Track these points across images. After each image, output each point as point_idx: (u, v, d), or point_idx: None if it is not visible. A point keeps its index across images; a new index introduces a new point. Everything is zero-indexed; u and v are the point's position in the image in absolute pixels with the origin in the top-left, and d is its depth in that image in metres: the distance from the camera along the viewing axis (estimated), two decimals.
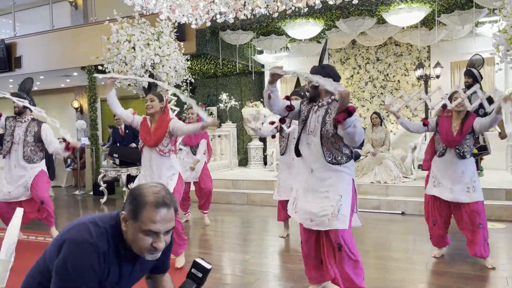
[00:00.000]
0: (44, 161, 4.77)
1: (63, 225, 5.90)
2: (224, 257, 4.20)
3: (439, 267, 3.72)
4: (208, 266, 1.67)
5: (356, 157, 7.11)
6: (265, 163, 9.97)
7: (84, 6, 11.52)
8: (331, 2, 5.65)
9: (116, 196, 8.37)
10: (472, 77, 5.07)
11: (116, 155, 7.98)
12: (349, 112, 2.38)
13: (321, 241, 2.84)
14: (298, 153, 2.86)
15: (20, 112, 4.59)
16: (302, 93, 4.32)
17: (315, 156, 2.74)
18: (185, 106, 10.00)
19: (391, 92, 9.36)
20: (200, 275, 1.66)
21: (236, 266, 3.89)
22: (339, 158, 2.71)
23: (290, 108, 2.85)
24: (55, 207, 7.73)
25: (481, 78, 5.26)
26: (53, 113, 13.81)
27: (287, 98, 2.94)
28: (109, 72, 6.27)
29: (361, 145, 3.84)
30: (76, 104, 13.11)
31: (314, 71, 2.71)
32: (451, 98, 4.63)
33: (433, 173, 3.85)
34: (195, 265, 1.68)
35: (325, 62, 9.93)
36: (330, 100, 2.76)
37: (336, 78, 2.68)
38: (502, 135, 5.32)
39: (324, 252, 2.81)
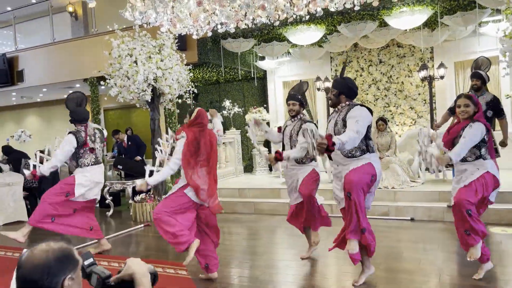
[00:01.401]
0: (78, 169, 4.88)
1: (69, 238, 5.88)
2: (232, 274, 4.16)
3: (452, 279, 3.66)
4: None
5: None
6: (271, 169, 9.92)
7: (84, 16, 11.52)
8: (332, 9, 5.60)
9: (122, 208, 8.35)
10: (481, 79, 5.00)
11: (120, 167, 7.98)
12: (330, 150, 3.03)
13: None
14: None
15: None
16: (299, 96, 4.25)
17: (335, 152, 3.30)
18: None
19: (395, 94, 9.29)
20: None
21: (245, 284, 3.84)
22: (353, 151, 3.43)
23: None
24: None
25: (488, 79, 5.20)
26: (57, 125, 13.84)
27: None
28: (111, 87, 6.25)
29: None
30: None
31: (337, 82, 3.59)
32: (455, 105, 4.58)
33: None
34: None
35: (328, 66, 9.88)
36: (344, 105, 3.54)
37: (355, 88, 3.57)
38: (503, 142, 5.23)
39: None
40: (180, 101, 7.52)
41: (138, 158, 8.51)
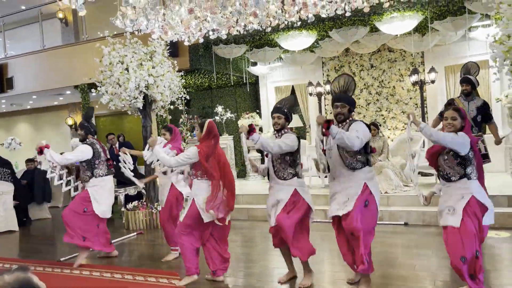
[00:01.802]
0: (93, 179, 5.00)
1: (62, 250, 5.80)
2: (226, 282, 4.11)
3: (447, 285, 3.66)
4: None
5: None
6: (264, 175, 9.89)
7: (74, 23, 11.45)
8: (324, 16, 5.62)
9: (115, 216, 8.25)
10: (471, 84, 5.04)
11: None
12: (328, 122, 3.27)
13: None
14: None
15: (83, 139, 5.12)
16: (285, 110, 3.82)
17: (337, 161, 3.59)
18: (181, 120, 9.95)
19: (387, 98, 9.34)
20: None
21: None
22: (354, 163, 3.53)
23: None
24: (52, 230, 7.68)
25: (478, 84, 5.25)
26: (47, 132, 13.71)
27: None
28: (102, 94, 6.21)
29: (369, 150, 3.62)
30: (70, 121, 12.99)
31: (346, 98, 3.64)
32: (447, 107, 4.59)
33: None
34: None
35: (319, 71, 9.91)
36: (346, 122, 3.62)
37: (354, 103, 3.71)
38: (496, 141, 5.30)
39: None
40: (172, 107, 7.48)
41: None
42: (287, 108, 3.86)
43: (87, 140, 5.10)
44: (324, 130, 3.30)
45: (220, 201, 3.89)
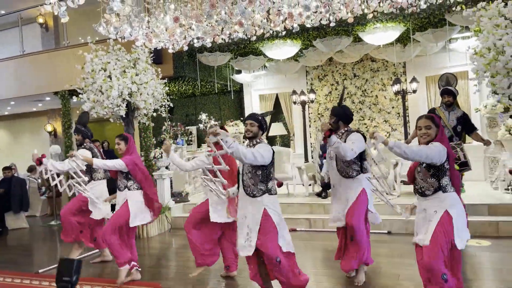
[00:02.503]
0: (92, 183, 5.22)
1: (40, 261, 5.64)
2: None
3: None
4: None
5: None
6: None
7: (55, 28, 11.26)
8: (308, 26, 5.66)
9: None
10: (453, 95, 5.16)
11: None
12: (330, 131, 3.56)
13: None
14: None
15: (80, 143, 5.25)
16: (259, 117, 3.55)
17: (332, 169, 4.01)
18: (164, 127, 9.83)
19: (370, 107, 9.45)
20: None
21: None
22: (350, 172, 3.91)
23: None
24: (30, 240, 7.45)
25: (458, 93, 5.39)
26: (25, 138, 13.37)
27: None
28: (84, 101, 6.09)
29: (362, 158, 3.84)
30: (49, 128, 12.71)
31: (336, 110, 4.02)
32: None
33: None
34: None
35: (303, 80, 9.97)
36: (343, 131, 3.97)
37: (351, 115, 4.10)
38: (486, 142, 5.40)
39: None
40: (155, 114, 7.40)
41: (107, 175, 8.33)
42: (261, 116, 3.58)
43: (85, 144, 5.19)
44: (324, 137, 3.57)
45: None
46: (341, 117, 3.99)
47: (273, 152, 3.44)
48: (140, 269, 4.55)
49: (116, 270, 4.45)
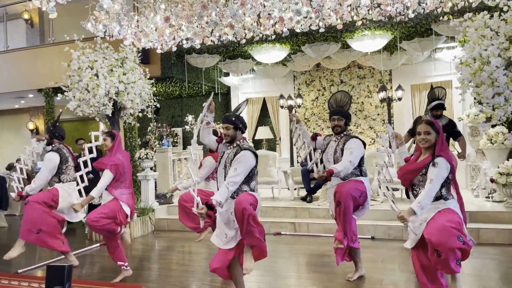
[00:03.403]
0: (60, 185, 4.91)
1: (19, 261, 5.49)
2: None
3: None
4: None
5: (319, 185, 7.14)
6: None
7: (40, 24, 11.08)
8: (298, 30, 5.69)
9: (77, 225, 7.94)
10: (442, 108, 5.22)
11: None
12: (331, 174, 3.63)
13: None
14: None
15: (48, 143, 5.08)
16: (233, 119, 3.43)
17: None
18: (149, 128, 9.74)
19: (355, 114, 9.54)
20: None
21: None
22: (349, 176, 3.88)
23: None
24: (8, 239, 7.26)
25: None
26: (6, 136, 13.08)
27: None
28: (69, 100, 6.00)
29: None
30: (31, 126, 12.47)
31: (344, 112, 3.99)
32: (415, 124, 4.70)
33: None
34: None
35: (291, 84, 10.01)
36: (342, 135, 3.97)
37: (350, 117, 4.06)
38: (461, 155, 5.51)
39: None
40: (141, 115, 7.33)
41: (91, 176, 8.23)
42: (234, 115, 3.42)
43: (54, 145, 5.00)
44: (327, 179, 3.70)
45: None
46: (348, 118, 4.02)
47: (256, 156, 3.35)
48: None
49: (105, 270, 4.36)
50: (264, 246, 3.27)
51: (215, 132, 4.45)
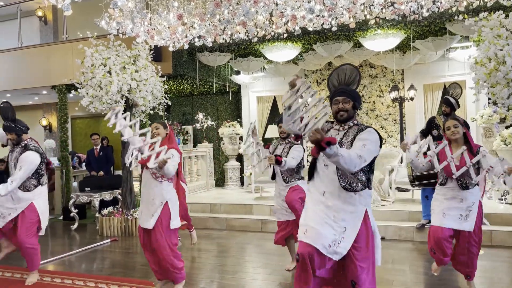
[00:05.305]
0: (39, 188, 4.33)
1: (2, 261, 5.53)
2: None
3: None
4: None
5: None
6: (242, 184, 9.86)
7: (54, 22, 11.19)
8: (310, 29, 5.67)
9: (88, 221, 8.04)
10: (450, 106, 5.15)
11: (88, 188, 7.79)
12: (320, 146, 2.29)
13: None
14: (311, 175, 2.77)
15: (17, 142, 4.32)
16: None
17: (331, 178, 2.64)
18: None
19: (367, 113, 9.48)
20: None
21: None
22: (354, 183, 2.60)
23: None
24: None
25: (458, 106, 5.36)
26: None
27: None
28: (82, 96, 6.06)
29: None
30: (44, 122, 12.62)
31: (348, 91, 2.71)
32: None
33: None
34: None
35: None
36: (351, 124, 2.71)
37: (360, 99, 2.76)
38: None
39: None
40: (152, 112, 7.37)
41: (101, 173, 8.34)
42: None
43: (27, 142, 4.28)
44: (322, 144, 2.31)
45: None
46: (357, 100, 2.73)
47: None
48: None
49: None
50: None
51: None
